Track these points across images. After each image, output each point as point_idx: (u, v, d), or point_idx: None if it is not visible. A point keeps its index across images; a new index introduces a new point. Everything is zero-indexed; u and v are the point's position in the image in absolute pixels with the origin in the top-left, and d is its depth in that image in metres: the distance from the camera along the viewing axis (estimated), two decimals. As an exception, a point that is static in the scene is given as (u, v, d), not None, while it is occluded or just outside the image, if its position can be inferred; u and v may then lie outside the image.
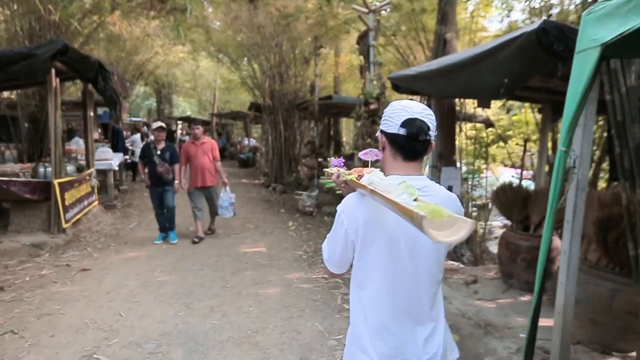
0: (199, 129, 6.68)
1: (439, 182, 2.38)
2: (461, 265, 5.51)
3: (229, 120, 25.16)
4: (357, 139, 6.02)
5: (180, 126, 32.50)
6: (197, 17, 13.87)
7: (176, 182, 6.41)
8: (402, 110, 1.37)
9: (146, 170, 6.44)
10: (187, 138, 16.50)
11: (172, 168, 6.32)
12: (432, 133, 1.38)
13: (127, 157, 14.52)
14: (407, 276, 1.37)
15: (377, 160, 1.50)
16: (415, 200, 1.13)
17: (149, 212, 8.45)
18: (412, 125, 1.34)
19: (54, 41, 5.99)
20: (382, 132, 1.43)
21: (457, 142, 6.05)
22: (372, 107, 5.70)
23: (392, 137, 1.39)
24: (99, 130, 15.31)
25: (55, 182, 6.19)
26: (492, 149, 11.00)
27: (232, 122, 25.76)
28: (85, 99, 8.27)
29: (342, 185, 1.49)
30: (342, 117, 12.57)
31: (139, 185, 12.55)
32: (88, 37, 10.59)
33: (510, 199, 4.94)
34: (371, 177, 1.28)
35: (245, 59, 17.81)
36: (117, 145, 11.95)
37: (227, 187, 6.76)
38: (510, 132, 10.58)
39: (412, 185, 1.20)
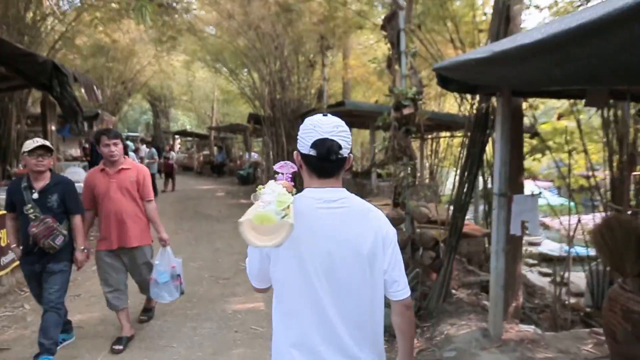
0: (114, 146, 3.45)
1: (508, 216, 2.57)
2: (539, 332, 3.92)
3: (228, 133, 23.72)
4: (386, 153, 4.48)
5: (178, 141, 31.19)
6: (190, 22, 12.58)
7: (77, 251, 3.35)
8: (312, 130, 1.33)
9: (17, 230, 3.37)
10: (172, 155, 14.94)
11: (60, 227, 3.24)
12: (345, 150, 1.36)
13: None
14: (317, 297, 1.33)
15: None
16: (285, 209, 1.14)
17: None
18: (322, 146, 1.31)
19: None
20: (297, 150, 1.39)
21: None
22: (406, 112, 4.18)
23: (305, 157, 1.36)
24: (83, 147, 13.91)
25: (-13, 216, 4.66)
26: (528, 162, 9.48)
27: (231, 136, 24.31)
28: (44, 110, 6.81)
29: None
30: (356, 127, 11.07)
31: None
32: (57, 42, 9.22)
33: (620, 242, 3.37)
34: (265, 189, 1.26)
35: (245, 68, 16.54)
36: (97, 162, 10.48)
37: (169, 248, 3.80)
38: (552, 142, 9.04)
39: (289, 195, 1.22)
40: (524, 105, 4.13)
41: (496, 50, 2.78)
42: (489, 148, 4.58)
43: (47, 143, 3.25)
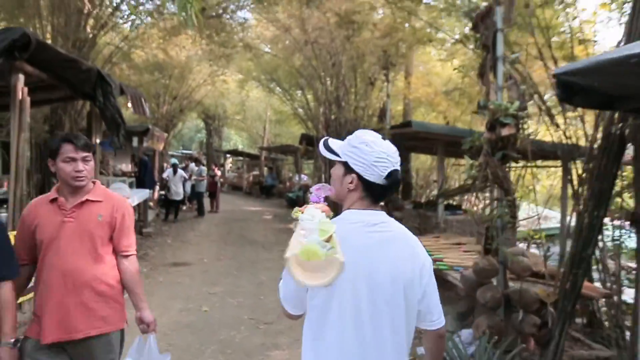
0: (83, 162, 1.97)
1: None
2: None
3: (279, 154, 23.39)
4: (472, 184, 3.54)
5: (230, 160, 31.40)
6: (243, 39, 12.32)
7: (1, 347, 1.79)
8: (386, 159, 1.32)
9: None
10: (218, 173, 14.54)
11: None
12: None
13: (162, 192, 12.90)
14: (356, 324, 1.29)
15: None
16: (328, 239, 1.10)
17: (175, 266, 6.38)
18: (394, 177, 1.33)
19: (9, 29, 4.13)
20: (357, 174, 1.33)
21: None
22: (505, 132, 3.23)
23: (369, 184, 1.33)
24: (133, 162, 13.88)
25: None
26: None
27: (282, 157, 23.95)
28: (90, 121, 6.47)
29: None
30: (419, 152, 10.11)
31: (173, 226, 10.68)
32: (113, 55, 9.10)
33: None
34: (304, 214, 1.19)
35: (299, 89, 16.14)
36: (145, 179, 10.19)
37: (152, 337, 2.07)
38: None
39: (330, 223, 1.17)
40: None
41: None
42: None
43: None
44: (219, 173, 15.67)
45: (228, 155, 29.02)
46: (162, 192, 12.56)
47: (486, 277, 3.45)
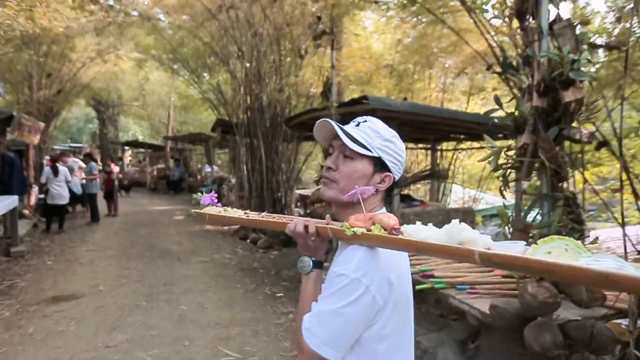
0: None
1: None
2: None
3: (186, 144, 21.03)
4: (505, 174, 2.41)
5: (129, 153, 27.92)
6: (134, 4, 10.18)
7: None
8: (404, 153, 1.20)
9: None
10: (115, 168, 12.27)
11: None
12: None
13: (40, 196, 10.32)
14: (411, 345, 1.22)
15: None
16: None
17: (55, 303, 4.41)
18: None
19: None
20: (387, 171, 1.16)
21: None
22: (571, 97, 2.13)
23: (393, 184, 1.20)
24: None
25: None
26: None
27: (190, 147, 21.60)
28: None
29: (311, 239, 1.13)
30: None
31: (57, 240, 8.33)
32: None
33: None
34: (451, 229, 0.94)
35: (209, 69, 14.16)
36: (10, 181, 7.78)
37: None
38: None
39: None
40: None
41: None
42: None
43: None
44: (116, 169, 13.21)
45: (127, 148, 25.70)
46: (41, 196, 10.03)
47: (544, 312, 2.35)
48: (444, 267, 3.72)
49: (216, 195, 1.60)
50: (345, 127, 1.16)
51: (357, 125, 1.17)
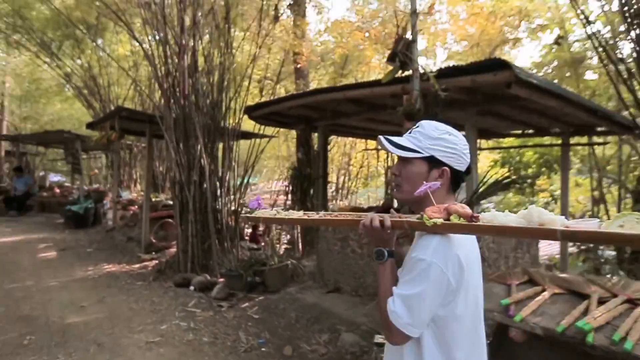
0: None
1: None
2: None
3: (33, 146, 15.79)
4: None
5: None
6: None
7: None
8: (466, 148, 1.35)
9: None
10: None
11: None
12: None
13: None
14: (481, 330, 1.37)
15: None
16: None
17: None
18: (470, 166, 1.38)
19: None
20: (448, 166, 1.33)
21: None
22: None
23: (458, 175, 1.35)
24: None
25: None
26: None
27: (40, 151, 16.31)
28: None
29: (387, 232, 1.29)
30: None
31: None
32: None
33: None
34: (531, 212, 1.09)
35: (76, 44, 10.31)
36: None
37: None
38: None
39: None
40: None
41: None
42: None
43: None
44: None
45: None
46: None
47: None
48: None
49: (261, 198, 1.67)
50: (397, 138, 1.35)
51: (410, 132, 1.37)
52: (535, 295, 3.24)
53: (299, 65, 6.93)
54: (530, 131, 6.05)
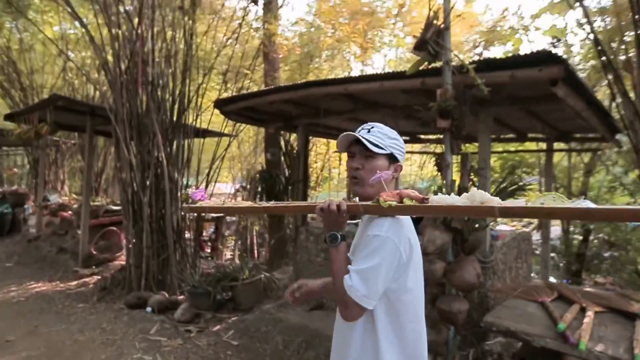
0: None
1: None
2: None
3: None
4: None
5: None
6: None
7: None
8: (404, 146, 1.56)
9: None
10: None
11: None
12: None
13: None
14: (422, 306, 1.53)
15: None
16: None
17: None
18: None
19: None
20: (397, 162, 1.52)
21: None
22: None
23: (399, 169, 1.54)
24: None
25: None
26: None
27: None
28: None
29: (343, 215, 1.41)
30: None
31: None
32: None
33: None
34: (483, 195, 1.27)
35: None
36: None
37: None
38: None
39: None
40: None
41: None
42: None
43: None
44: None
45: None
46: None
47: None
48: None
49: (204, 191, 1.76)
50: (361, 135, 1.49)
51: (368, 131, 1.50)
52: (579, 316, 2.95)
53: (273, 56, 6.27)
54: (511, 136, 5.93)
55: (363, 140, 1.46)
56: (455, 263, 2.93)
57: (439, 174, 3.21)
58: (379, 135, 1.48)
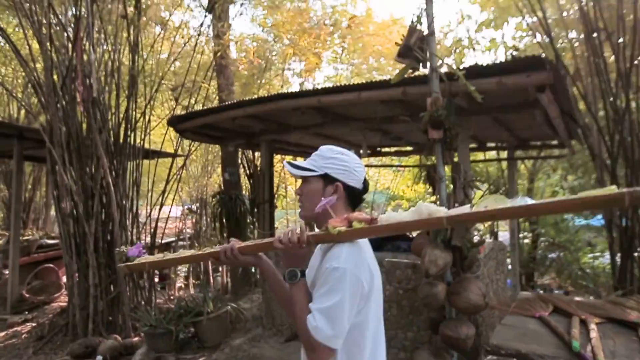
0: None
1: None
2: None
3: None
4: None
5: None
6: None
7: None
8: (359, 165, 1.42)
9: None
10: None
11: None
12: None
13: None
14: (382, 334, 1.43)
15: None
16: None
17: None
18: (366, 182, 1.46)
19: None
20: (340, 182, 1.40)
21: None
22: None
23: (351, 190, 1.41)
24: None
25: None
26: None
27: None
28: None
29: (303, 245, 1.30)
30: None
31: None
32: None
33: None
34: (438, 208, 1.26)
35: None
36: None
37: None
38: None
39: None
40: None
41: None
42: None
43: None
44: None
45: None
46: None
47: None
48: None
49: (142, 245, 1.58)
50: (298, 162, 1.48)
51: (310, 155, 1.46)
52: (583, 329, 2.84)
53: (231, 68, 5.84)
54: (473, 145, 5.96)
55: (287, 167, 1.46)
56: (457, 284, 2.72)
57: (431, 188, 3.02)
58: (313, 157, 1.44)
